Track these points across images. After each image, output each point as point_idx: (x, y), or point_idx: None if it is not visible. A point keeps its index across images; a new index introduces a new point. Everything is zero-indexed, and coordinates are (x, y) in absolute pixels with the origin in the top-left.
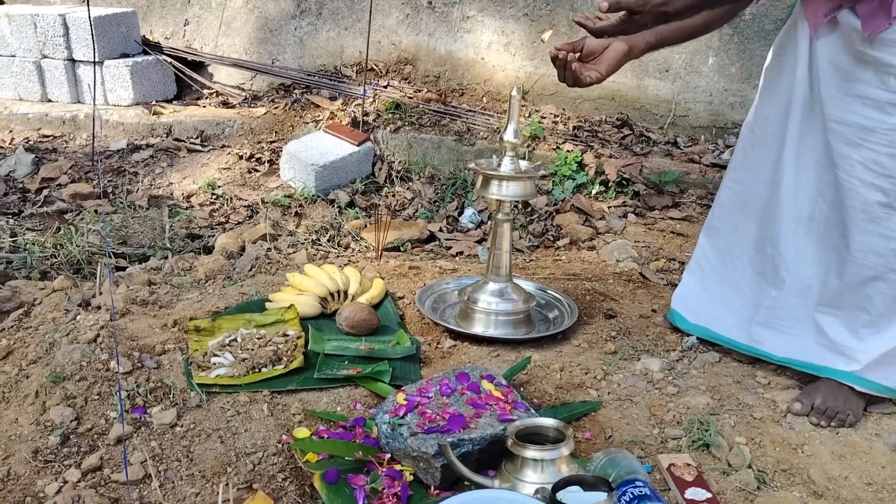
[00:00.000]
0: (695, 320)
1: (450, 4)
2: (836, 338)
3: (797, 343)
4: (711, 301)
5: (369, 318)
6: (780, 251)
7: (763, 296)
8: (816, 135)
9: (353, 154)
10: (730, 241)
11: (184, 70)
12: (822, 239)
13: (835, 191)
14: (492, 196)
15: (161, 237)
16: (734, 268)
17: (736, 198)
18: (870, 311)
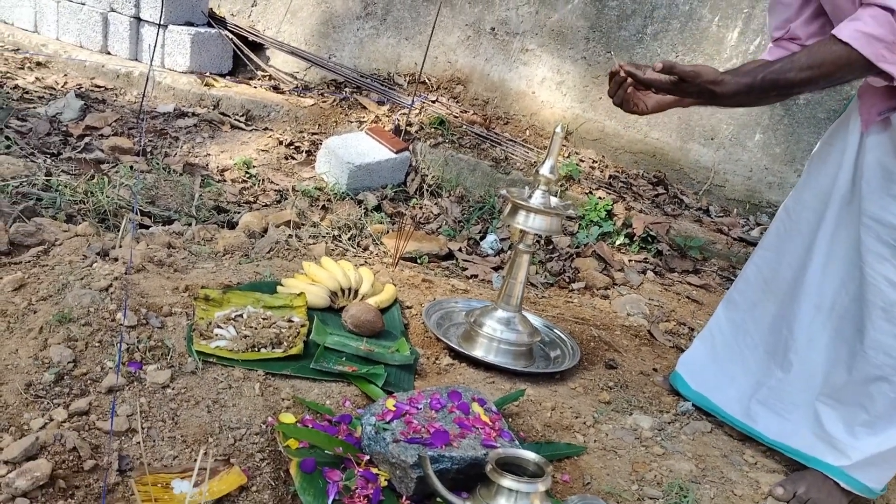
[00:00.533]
0: (696, 387)
1: (511, 34)
2: (832, 430)
3: (791, 428)
4: (716, 372)
5: (374, 320)
6: (794, 335)
7: (768, 376)
8: (850, 228)
9: (390, 160)
10: (746, 317)
11: (242, 48)
12: (837, 331)
13: (858, 285)
14: (517, 225)
15: (189, 204)
16: (745, 344)
17: (760, 276)
18: (869, 411)
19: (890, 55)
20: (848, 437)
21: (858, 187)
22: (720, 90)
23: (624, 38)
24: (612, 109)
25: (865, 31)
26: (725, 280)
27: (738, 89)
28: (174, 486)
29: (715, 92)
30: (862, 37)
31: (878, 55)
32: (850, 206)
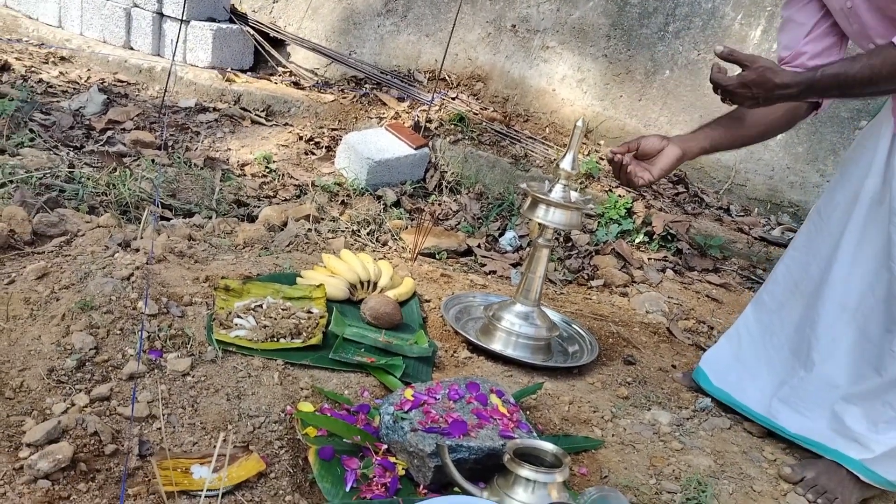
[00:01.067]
0: (718, 384)
1: (532, 31)
2: (854, 426)
3: (812, 425)
4: (740, 370)
5: (393, 312)
6: (816, 333)
7: (791, 375)
8: (880, 228)
9: (409, 156)
10: (773, 318)
11: (264, 44)
12: (862, 331)
13: (887, 286)
14: (537, 219)
15: (209, 198)
16: (771, 345)
17: (790, 277)
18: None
19: None
20: (871, 433)
21: (889, 187)
22: (779, 79)
23: (645, 35)
24: (633, 108)
25: None
26: (745, 279)
27: (799, 81)
28: (194, 471)
29: (773, 80)
30: None
31: None
32: (880, 206)
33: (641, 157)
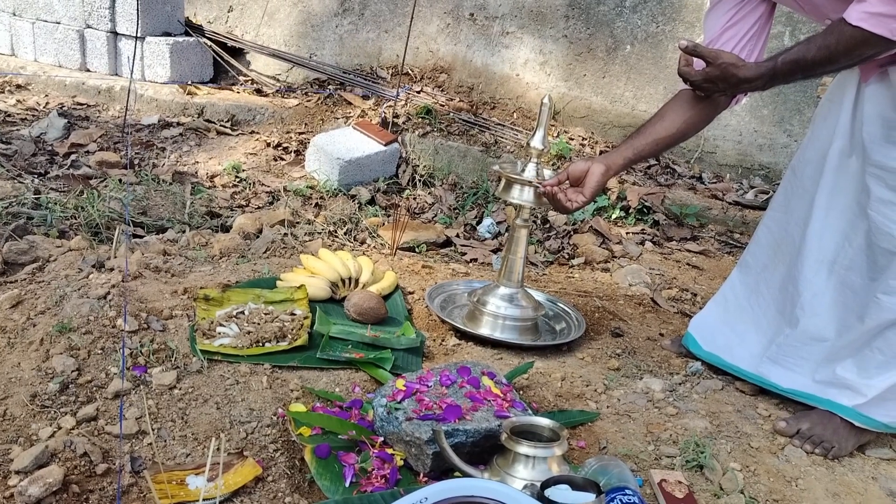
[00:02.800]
0: (708, 347)
1: (491, 18)
2: (845, 375)
3: (802, 379)
4: (729, 333)
5: (377, 307)
6: (798, 289)
7: (778, 333)
8: (851, 180)
9: (380, 153)
10: (759, 279)
11: (222, 55)
12: (844, 283)
13: (865, 235)
14: (512, 200)
15: (181, 212)
16: (758, 305)
17: (771, 237)
18: (885, 353)
19: None
20: (861, 379)
21: (859, 139)
22: (742, 73)
23: (603, 12)
24: (598, 85)
25: (873, 11)
26: (724, 245)
27: (760, 74)
28: (189, 482)
29: (737, 74)
30: (871, 17)
31: (892, 30)
32: (849, 158)
33: (574, 183)
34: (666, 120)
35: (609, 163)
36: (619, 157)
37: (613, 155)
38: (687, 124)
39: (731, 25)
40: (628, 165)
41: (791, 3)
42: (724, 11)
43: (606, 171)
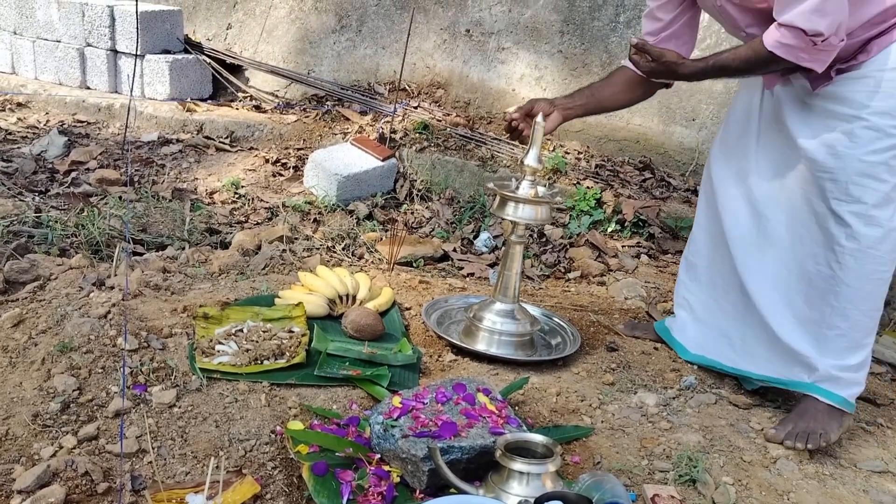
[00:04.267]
0: (694, 350)
1: (487, 34)
2: (802, 350)
3: (771, 365)
4: (704, 331)
5: (374, 323)
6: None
7: (742, 322)
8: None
9: (377, 168)
10: (710, 272)
11: (221, 72)
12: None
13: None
14: (507, 217)
15: (180, 229)
16: (718, 295)
17: (703, 232)
18: (831, 325)
19: (808, 55)
20: (816, 354)
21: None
22: (682, 70)
23: (598, 28)
24: None
25: (784, 42)
26: None
27: (695, 71)
28: (189, 500)
29: (678, 70)
30: (782, 47)
31: (798, 58)
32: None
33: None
34: (616, 89)
35: (565, 114)
36: (573, 111)
37: (569, 107)
38: (630, 98)
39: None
40: (578, 116)
41: (713, 14)
42: (664, 13)
43: (563, 120)
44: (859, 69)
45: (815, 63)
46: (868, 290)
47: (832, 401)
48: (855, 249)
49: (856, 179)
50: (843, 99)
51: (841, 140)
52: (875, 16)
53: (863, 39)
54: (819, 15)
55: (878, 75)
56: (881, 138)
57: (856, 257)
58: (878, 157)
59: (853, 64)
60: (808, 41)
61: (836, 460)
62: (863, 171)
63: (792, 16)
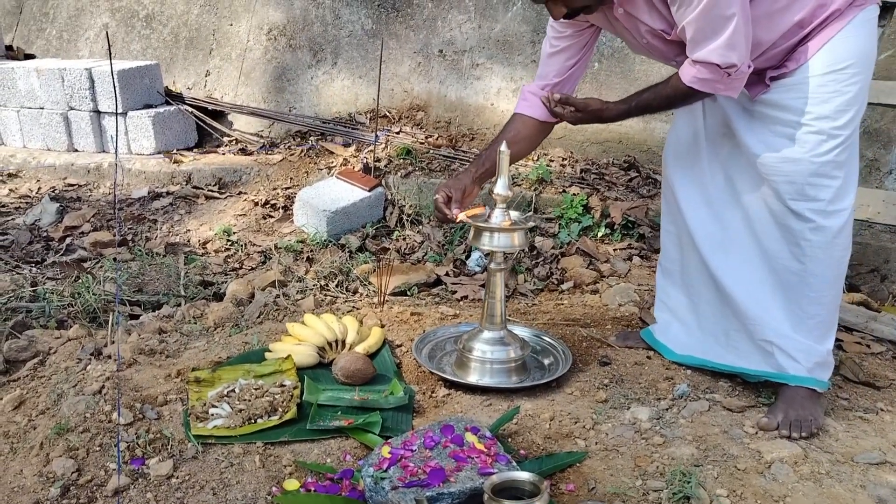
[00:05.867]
0: (680, 350)
1: (460, 53)
2: (783, 343)
3: (757, 359)
4: (686, 331)
5: (364, 367)
6: (713, 272)
7: (722, 317)
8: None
9: (365, 199)
10: (683, 274)
11: (204, 119)
12: (743, 259)
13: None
14: (483, 247)
15: (176, 284)
16: (693, 293)
17: (670, 235)
18: (811, 315)
19: (723, 85)
20: (796, 344)
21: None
22: (606, 115)
23: None
24: None
25: (701, 77)
26: None
27: (619, 114)
28: None
29: (603, 116)
30: (700, 81)
31: (715, 89)
32: (711, 146)
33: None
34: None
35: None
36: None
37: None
38: (536, 143)
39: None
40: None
41: (644, 53)
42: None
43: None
44: (792, 76)
45: (730, 90)
46: (837, 273)
47: (821, 388)
48: (822, 241)
49: (810, 180)
50: (783, 106)
51: (789, 145)
52: (792, 25)
53: (786, 48)
54: (730, 49)
55: (810, 82)
56: (826, 140)
57: (823, 248)
58: (827, 157)
59: (784, 72)
60: (723, 73)
61: (831, 455)
62: (815, 171)
63: (705, 53)
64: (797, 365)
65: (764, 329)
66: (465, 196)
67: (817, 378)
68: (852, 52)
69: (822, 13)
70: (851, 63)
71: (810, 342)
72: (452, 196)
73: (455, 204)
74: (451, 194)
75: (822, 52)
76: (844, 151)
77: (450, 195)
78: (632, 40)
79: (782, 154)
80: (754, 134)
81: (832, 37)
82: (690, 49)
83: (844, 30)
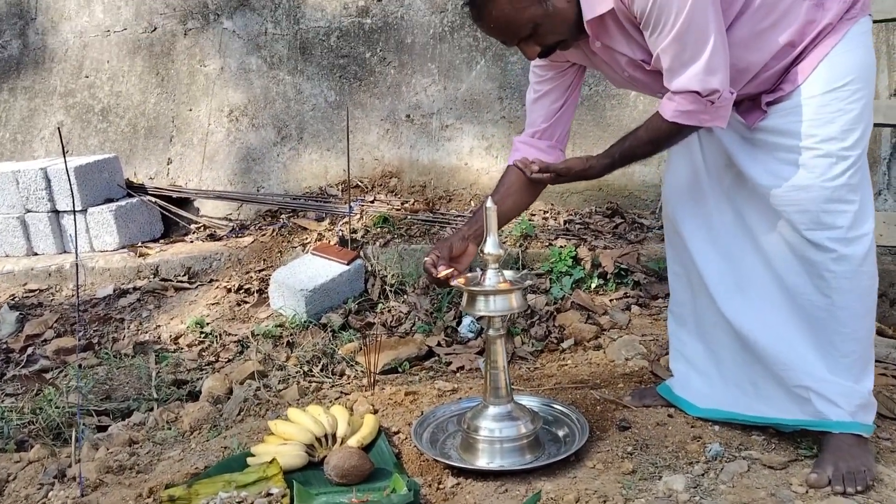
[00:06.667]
0: (703, 405)
1: (428, 116)
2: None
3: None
4: (708, 382)
5: (360, 464)
6: (727, 318)
7: (745, 363)
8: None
9: (344, 273)
10: (697, 321)
11: (169, 208)
12: (763, 296)
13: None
14: (479, 313)
15: (147, 386)
16: (711, 341)
17: (678, 278)
18: (845, 353)
19: (708, 116)
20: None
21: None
22: (590, 174)
23: None
24: None
25: (683, 109)
26: None
27: (603, 169)
28: None
29: (587, 175)
30: (682, 115)
31: (700, 120)
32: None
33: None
34: (517, 196)
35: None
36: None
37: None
38: (533, 196)
39: (562, 111)
40: None
41: (627, 87)
42: (555, 100)
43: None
44: (790, 99)
45: (717, 120)
46: (868, 305)
47: (866, 432)
48: (847, 271)
49: (825, 207)
50: (784, 132)
51: (797, 172)
52: (784, 45)
53: (779, 70)
54: (710, 73)
55: (810, 103)
56: (836, 163)
57: (849, 279)
58: (840, 181)
59: (781, 95)
60: (706, 101)
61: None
62: (829, 197)
63: (684, 81)
64: (838, 410)
65: (797, 374)
66: (455, 255)
67: (861, 422)
68: (851, 67)
69: (812, 30)
70: (852, 78)
71: (850, 383)
72: (440, 256)
73: (441, 261)
74: (439, 254)
75: (820, 70)
76: (857, 173)
77: (439, 255)
78: (613, 75)
79: (791, 182)
80: (758, 164)
81: (827, 53)
82: (668, 79)
83: (840, 45)
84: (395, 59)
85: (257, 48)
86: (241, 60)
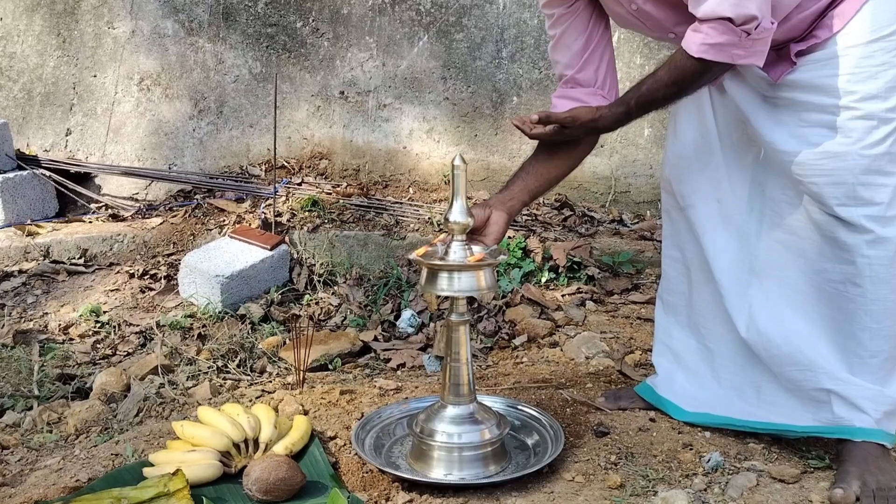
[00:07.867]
0: (692, 408)
1: (364, 94)
2: (841, 389)
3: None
4: (699, 382)
5: (289, 475)
6: (730, 310)
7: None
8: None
9: (266, 260)
10: (693, 314)
11: (66, 184)
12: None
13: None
14: (441, 292)
15: (27, 382)
16: (705, 336)
17: (677, 265)
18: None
19: (743, 51)
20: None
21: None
22: (601, 124)
23: (481, 67)
24: (492, 143)
25: (711, 42)
26: None
27: (617, 119)
28: None
29: (597, 127)
30: (711, 49)
31: (733, 56)
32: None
33: (475, 233)
34: (555, 158)
35: (509, 209)
36: (517, 203)
37: (511, 200)
38: (574, 160)
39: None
40: (525, 206)
41: (635, 25)
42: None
43: (509, 219)
44: (825, 48)
45: (753, 57)
46: None
47: (889, 442)
48: (883, 256)
49: (862, 179)
50: (816, 87)
51: (830, 136)
52: None
53: (814, 12)
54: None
55: (850, 53)
56: (878, 126)
57: (886, 265)
58: (880, 149)
59: (814, 43)
60: (740, 32)
61: None
62: (867, 167)
63: (714, 5)
64: (863, 416)
65: (816, 375)
66: (476, 226)
67: (886, 430)
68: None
69: None
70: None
71: (877, 386)
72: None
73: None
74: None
75: (862, 14)
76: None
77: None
78: (619, 9)
79: (822, 148)
80: (782, 127)
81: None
82: (694, 4)
83: None
84: (330, 30)
85: (174, 11)
86: (155, 24)
